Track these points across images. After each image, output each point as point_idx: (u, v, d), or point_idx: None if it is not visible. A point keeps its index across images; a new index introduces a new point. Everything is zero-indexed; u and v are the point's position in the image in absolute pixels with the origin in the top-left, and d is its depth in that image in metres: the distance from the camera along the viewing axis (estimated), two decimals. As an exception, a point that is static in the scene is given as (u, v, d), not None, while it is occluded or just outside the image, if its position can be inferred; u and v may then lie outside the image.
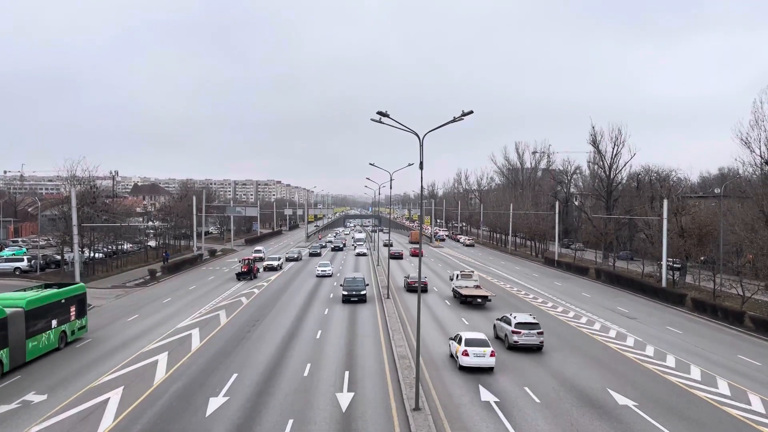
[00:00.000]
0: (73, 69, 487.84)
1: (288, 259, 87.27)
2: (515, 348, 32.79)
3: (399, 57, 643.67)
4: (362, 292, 48.91)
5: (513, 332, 32.89)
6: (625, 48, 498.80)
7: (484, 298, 48.30)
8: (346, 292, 48.68)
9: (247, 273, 64.26)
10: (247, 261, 65.62)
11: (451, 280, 55.76)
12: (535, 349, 32.82)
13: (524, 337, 32.72)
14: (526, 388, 25.96)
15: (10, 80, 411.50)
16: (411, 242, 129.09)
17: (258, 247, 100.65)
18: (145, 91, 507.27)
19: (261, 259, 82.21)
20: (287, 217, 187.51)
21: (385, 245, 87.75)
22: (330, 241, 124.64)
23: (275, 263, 74.64)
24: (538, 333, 32.79)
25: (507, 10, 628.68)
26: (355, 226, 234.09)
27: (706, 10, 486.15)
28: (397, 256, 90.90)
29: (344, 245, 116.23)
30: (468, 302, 48.72)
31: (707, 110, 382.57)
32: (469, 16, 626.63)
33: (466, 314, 44.95)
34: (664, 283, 57.69)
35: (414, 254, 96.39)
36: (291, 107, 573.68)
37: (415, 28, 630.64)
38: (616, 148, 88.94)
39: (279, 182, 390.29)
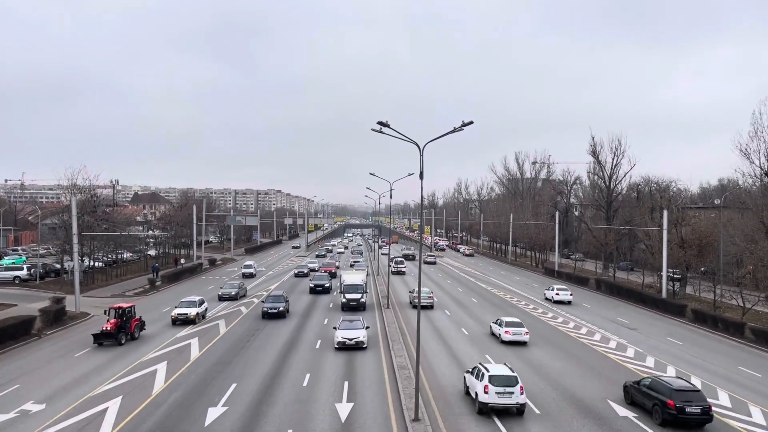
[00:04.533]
0: (75, 75, 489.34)
1: (222, 298, 55.95)
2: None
3: (407, 63, 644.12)
4: None
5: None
6: (633, 58, 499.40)
7: (413, 256, 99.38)
8: None
9: (112, 335, 35.45)
10: (117, 312, 36.78)
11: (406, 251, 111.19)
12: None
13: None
14: (526, 399, 25.83)
15: (10, 86, 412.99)
16: (392, 242, 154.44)
17: (248, 262, 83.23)
18: (146, 99, 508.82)
19: (252, 275, 74.14)
20: (287, 227, 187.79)
21: (384, 254, 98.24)
22: (314, 270, 79.32)
23: (192, 312, 44.00)
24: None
25: (518, 19, 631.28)
26: (352, 238, 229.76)
27: (715, 20, 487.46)
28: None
29: (336, 273, 74.67)
30: (407, 258, 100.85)
31: (708, 120, 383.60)
32: (481, 24, 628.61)
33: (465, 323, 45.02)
34: (664, 294, 57.62)
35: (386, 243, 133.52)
36: (293, 116, 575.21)
37: (425, 35, 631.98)
38: (615, 158, 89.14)
39: (279, 191, 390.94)
